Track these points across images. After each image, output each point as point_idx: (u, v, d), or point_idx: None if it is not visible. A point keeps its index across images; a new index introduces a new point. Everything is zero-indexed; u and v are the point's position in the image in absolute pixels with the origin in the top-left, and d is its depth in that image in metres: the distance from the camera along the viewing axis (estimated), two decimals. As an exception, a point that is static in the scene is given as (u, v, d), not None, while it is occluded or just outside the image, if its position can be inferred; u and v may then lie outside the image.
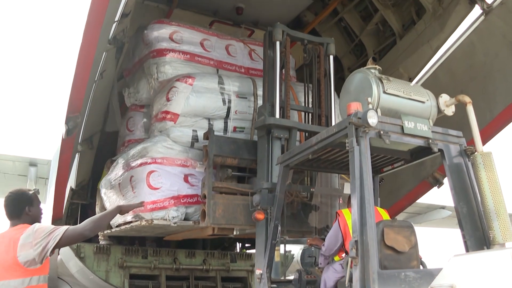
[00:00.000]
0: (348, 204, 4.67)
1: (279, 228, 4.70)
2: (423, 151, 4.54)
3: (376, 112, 3.87)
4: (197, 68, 6.31)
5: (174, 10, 7.20)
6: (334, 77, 5.92)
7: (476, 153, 4.19)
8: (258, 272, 4.95)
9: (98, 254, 8.29)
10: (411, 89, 4.41)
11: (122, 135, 7.11)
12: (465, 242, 4.08)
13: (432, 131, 4.17)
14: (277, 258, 4.85)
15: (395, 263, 3.81)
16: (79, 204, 8.97)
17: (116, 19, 5.32)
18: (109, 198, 6.82)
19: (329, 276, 4.30)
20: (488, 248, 4.00)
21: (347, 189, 5.24)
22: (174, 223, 5.65)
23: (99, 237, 8.97)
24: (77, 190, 8.53)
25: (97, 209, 9.03)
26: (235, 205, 5.44)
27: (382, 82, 4.23)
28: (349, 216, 4.23)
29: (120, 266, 7.95)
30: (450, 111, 4.49)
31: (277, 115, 5.29)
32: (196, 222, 5.68)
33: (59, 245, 3.40)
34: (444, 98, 4.50)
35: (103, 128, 8.12)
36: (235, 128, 6.11)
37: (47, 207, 12.50)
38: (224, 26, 7.57)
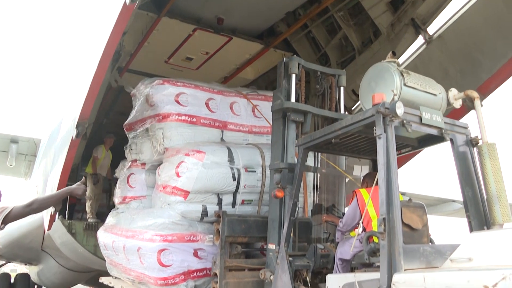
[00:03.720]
0: (363, 184, 5.08)
1: (298, 205, 5.07)
2: (430, 139, 4.99)
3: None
4: (203, 131, 6.44)
5: (162, 18, 7.49)
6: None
7: (481, 143, 4.67)
8: (271, 246, 5.32)
9: (87, 230, 9.20)
10: (426, 83, 4.80)
11: (122, 189, 7.13)
12: (469, 223, 4.58)
13: (444, 122, 4.60)
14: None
15: (410, 239, 4.21)
16: (68, 184, 9.54)
17: None
18: (111, 256, 6.93)
19: (346, 250, 4.68)
20: (489, 228, 4.51)
21: (356, 171, 5.65)
22: None
23: (87, 216, 9.56)
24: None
25: (88, 191, 9.57)
26: (245, 283, 5.58)
27: (403, 75, 4.60)
28: (366, 195, 4.63)
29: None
30: (458, 104, 4.93)
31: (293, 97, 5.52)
32: None
33: (6, 221, 3.90)
34: (453, 92, 4.93)
35: (95, 121, 8.62)
36: (243, 201, 6.20)
37: (32, 183, 12.74)
38: (205, 33, 8.00)
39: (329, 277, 4.42)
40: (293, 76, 5.56)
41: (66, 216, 9.73)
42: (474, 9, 6.88)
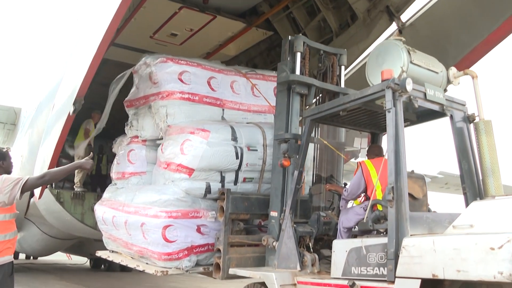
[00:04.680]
0: (368, 156, 5.34)
1: (303, 174, 5.29)
2: (428, 115, 5.27)
3: (409, 79, 4.48)
4: (205, 110, 6.53)
5: None
6: None
7: (478, 120, 4.97)
8: (273, 213, 5.55)
9: (75, 199, 9.61)
10: (429, 61, 5.04)
11: (121, 164, 7.15)
12: (465, 194, 4.91)
13: (445, 99, 4.87)
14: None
15: (411, 207, 4.44)
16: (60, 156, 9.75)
17: None
18: (109, 230, 6.97)
19: (349, 217, 4.94)
20: (481, 199, 4.84)
21: (356, 144, 5.90)
22: (187, 271, 5.97)
23: (75, 185, 9.74)
24: None
25: (76, 160, 9.69)
26: (246, 258, 5.76)
27: (409, 53, 4.83)
28: (371, 166, 4.88)
29: (93, 210, 8.54)
30: (457, 82, 5.20)
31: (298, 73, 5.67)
32: (206, 268, 6.03)
33: (23, 190, 4.26)
34: (453, 70, 5.19)
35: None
36: (244, 179, 6.33)
37: (15, 152, 12.79)
38: (191, 11, 8.19)
39: (335, 242, 4.67)
40: (298, 54, 5.70)
41: (53, 185, 9.81)
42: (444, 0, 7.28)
